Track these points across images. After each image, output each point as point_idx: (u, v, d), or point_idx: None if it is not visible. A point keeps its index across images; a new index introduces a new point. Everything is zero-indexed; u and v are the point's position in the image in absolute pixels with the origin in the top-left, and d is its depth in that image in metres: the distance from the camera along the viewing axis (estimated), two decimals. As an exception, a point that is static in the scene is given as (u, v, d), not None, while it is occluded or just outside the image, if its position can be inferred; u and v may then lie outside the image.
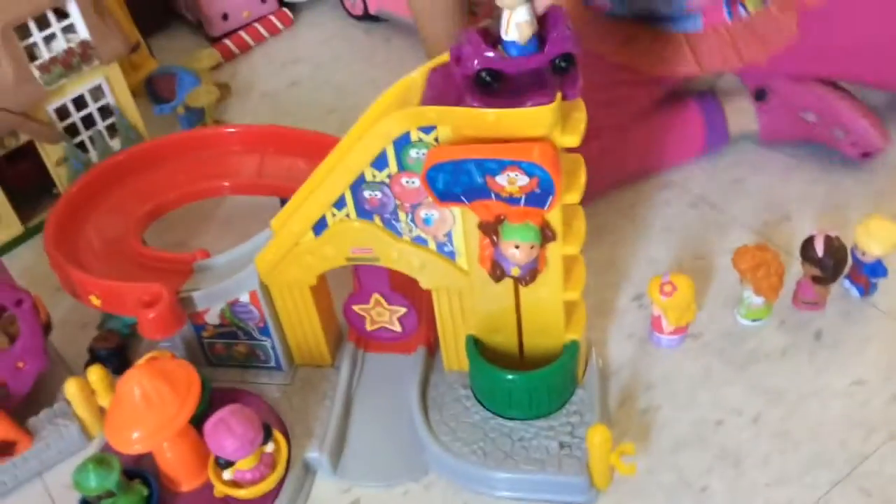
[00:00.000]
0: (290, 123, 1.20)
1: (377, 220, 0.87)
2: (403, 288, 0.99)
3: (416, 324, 1.02)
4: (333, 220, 0.88)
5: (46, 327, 1.02)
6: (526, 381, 0.91)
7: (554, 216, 0.81)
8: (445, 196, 0.80)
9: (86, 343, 1.10)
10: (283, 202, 0.98)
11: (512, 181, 0.77)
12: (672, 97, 1.25)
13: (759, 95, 1.23)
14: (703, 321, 1.04)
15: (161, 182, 1.16)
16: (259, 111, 1.51)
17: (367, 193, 0.85)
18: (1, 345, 1.01)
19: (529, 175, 0.76)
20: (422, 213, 0.85)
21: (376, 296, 0.99)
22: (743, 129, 1.25)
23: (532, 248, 0.82)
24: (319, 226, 0.89)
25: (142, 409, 0.84)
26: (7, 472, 0.96)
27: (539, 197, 0.78)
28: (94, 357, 1.08)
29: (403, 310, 1.00)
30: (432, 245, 0.88)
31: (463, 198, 0.80)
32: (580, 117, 0.78)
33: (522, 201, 0.78)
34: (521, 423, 0.93)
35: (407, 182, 0.83)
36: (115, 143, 1.37)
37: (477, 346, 0.93)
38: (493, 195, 0.78)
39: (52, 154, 1.30)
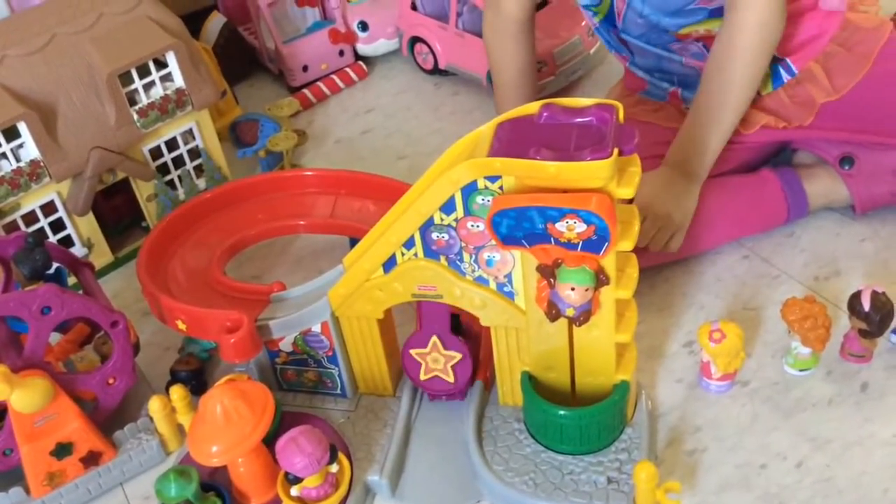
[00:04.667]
0: (362, 168, 1.28)
1: (443, 260, 0.94)
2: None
3: (468, 376, 1.05)
4: (402, 258, 0.96)
5: (135, 348, 1.11)
6: (577, 418, 0.96)
7: (608, 262, 0.87)
8: (508, 240, 0.86)
9: (168, 365, 1.19)
10: (353, 242, 1.06)
11: (570, 228, 0.83)
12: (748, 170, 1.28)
13: (846, 162, 1.23)
14: (751, 369, 1.08)
15: (242, 219, 1.25)
16: (333, 156, 1.60)
17: (434, 235, 0.92)
18: (94, 363, 1.10)
19: (587, 223, 0.82)
20: (485, 255, 0.92)
21: (435, 339, 1.03)
22: (828, 200, 1.26)
23: (587, 290, 0.87)
24: (389, 264, 0.97)
25: (222, 425, 0.91)
26: (92, 480, 1.04)
27: (595, 243, 0.83)
28: (175, 378, 1.16)
29: (458, 357, 1.03)
30: (493, 285, 0.95)
31: (524, 242, 0.86)
32: (635, 171, 0.84)
33: (579, 247, 0.84)
34: (572, 458, 0.98)
35: (472, 226, 0.90)
36: (201, 182, 1.47)
37: (531, 383, 0.99)
38: (552, 240, 0.85)
39: (143, 190, 1.41)
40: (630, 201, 0.88)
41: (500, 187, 0.86)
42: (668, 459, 1.00)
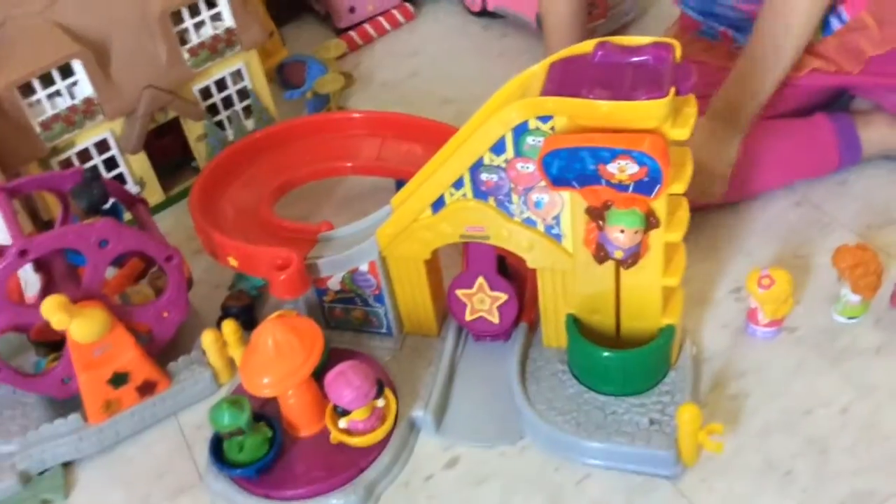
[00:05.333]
0: (408, 112, 1.28)
1: (491, 201, 0.95)
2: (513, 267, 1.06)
3: (514, 317, 1.06)
4: (451, 199, 0.96)
5: (188, 283, 1.13)
6: (622, 360, 0.96)
7: (659, 204, 0.86)
8: (558, 181, 0.86)
9: (218, 302, 1.22)
10: (399, 185, 1.06)
11: (622, 169, 0.82)
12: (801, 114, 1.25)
13: None
14: (798, 316, 1.07)
15: (291, 160, 1.26)
16: (379, 99, 1.60)
17: (484, 176, 0.92)
18: (148, 297, 1.13)
19: (639, 164, 0.81)
20: (533, 196, 0.92)
21: (481, 279, 1.04)
22: (884, 148, 1.23)
23: (636, 233, 0.87)
24: (438, 204, 0.97)
25: (273, 357, 0.93)
26: (147, 409, 1.08)
27: (647, 185, 0.83)
28: (226, 314, 1.19)
29: (504, 297, 1.04)
30: (541, 227, 0.95)
31: (574, 183, 0.86)
32: (691, 112, 0.83)
33: (630, 189, 0.84)
34: (614, 399, 0.99)
35: (522, 167, 0.90)
36: (249, 124, 1.49)
37: (576, 325, 1.00)
38: (603, 181, 0.84)
39: (193, 131, 1.43)
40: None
41: (552, 128, 0.85)
42: (711, 403, 1.00)
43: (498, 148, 0.89)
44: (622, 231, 0.87)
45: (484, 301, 1.06)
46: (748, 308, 1.06)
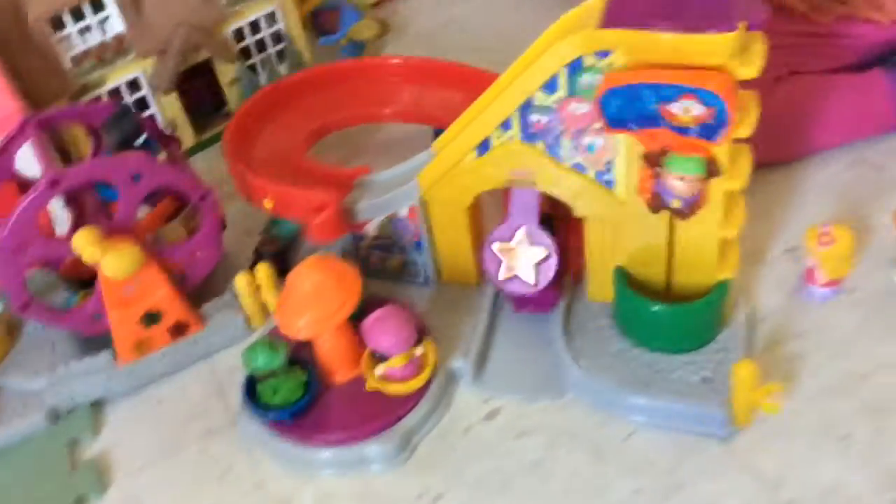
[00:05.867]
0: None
1: (540, 144, 0.90)
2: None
3: (550, 278, 0.97)
4: (498, 141, 0.92)
5: (222, 223, 1.10)
6: (673, 315, 0.92)
7: (722, 151, 0.82)
8: (615, 122, 0.81)
9: (251, 247, 1.18)
10: (437, 132, 1.02)
11: (686, 110, 0.77)
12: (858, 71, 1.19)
13: None
14: (857, 277, 1.02)
15: (327, 105, 1.22)
16: (415, 49, 1.55)
17: (534, 117, 0.88)
18: (181, 236, 1.09)
19: (705, 105, 0.76)
20: (585, 140, 0.88)
21: (522, 231, 0.96)
22: None
23: (696, 181, 0.82)
24: (483, 147, 0.93)
25: (310, 298, 0.90)
26: (178, 351, 1.05)
27: (711, 129, 0.78)
28: (259, 258, 1.15)
29: (544, 253, 0.96)
30: (591, 173, 0.90)
31: (632, 125, 0.81)
32: (760, 50, 0.78)
33: (693, 132, 0.79)
34: (663, 356, 0.95)
35: (575, 107, 0.85)
36: (283, 69, 1.45)
37: (625, 278, 0.95)
38: (663, 123, 0.79)
39: (226, 74, 1.39)
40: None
41: (610, 65, 0.80)
42: (766, 364, 0.95)
43: (550, 86, 0.85)
44: (681, 178, 0.82)
45: (521, 257, 0.97)
46: (805, 268, 1.01)
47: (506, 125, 0.90)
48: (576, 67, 0.83)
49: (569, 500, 0.87)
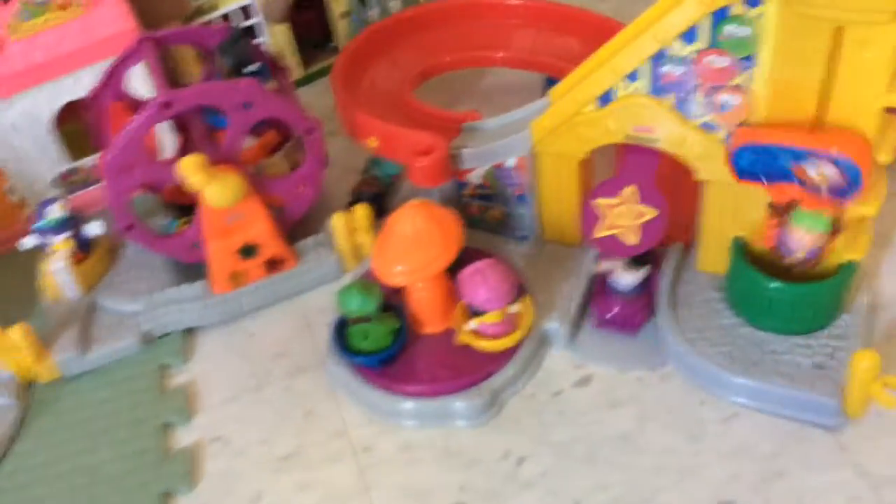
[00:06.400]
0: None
1: (670, 98, 0.84)
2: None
3: (657, 238, 0.91)
4: (623, 92, 0.86)
5: (324, 161, 1.08)
6: (793, 294, 0.86)
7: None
8: (745, 174, 0.80)
9: (350, 186, 1.16)
10: (551, 83, 0.97)
11: (821, 172, 0.76)
12: None
13: None
14: None
15: (437, 45, 1.19)
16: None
17: (667, 68, 0.82)
18: (283, 170, 1.08)
19: (840, 170, 0.75)
20: (721, 97, 0.81)
21: (632, 188, 0.90)
22: None
23: (821, 236, 0.81)
24: (605, 97, 0.88)
25: (410, 244, 0.87)
26: (272, 285, 1.04)
27: (843, 191, 0.77)
28: (357, 199, 1.13)
29: (653, 213, 0.90)
30: (722, 134, 0.84)
31: (763, 178, 0.80)
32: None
33: (824, 191, 0.78)
34: (775, 336, 0.89)
35: (714, 60, 0.79)
36: (395, 4, 1.41)
37: (743, 250, 0.89)
38: (796, 180, 0.78)
39: (336, 7, 1.36)
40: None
41: (760, 14, 0.74)
42: (886, 355, 0.87)
43: (689, 35, 0.79)
44: (806, 232, 0.81)
45: (627, 215, 0.91)
46: (940, 255, 0.93)
47: (633, 76, 0.85)
48: (721, 15, 0.76)
49: (658, 478, 0.83)
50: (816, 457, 0.83)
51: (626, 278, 0.91)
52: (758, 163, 0.79)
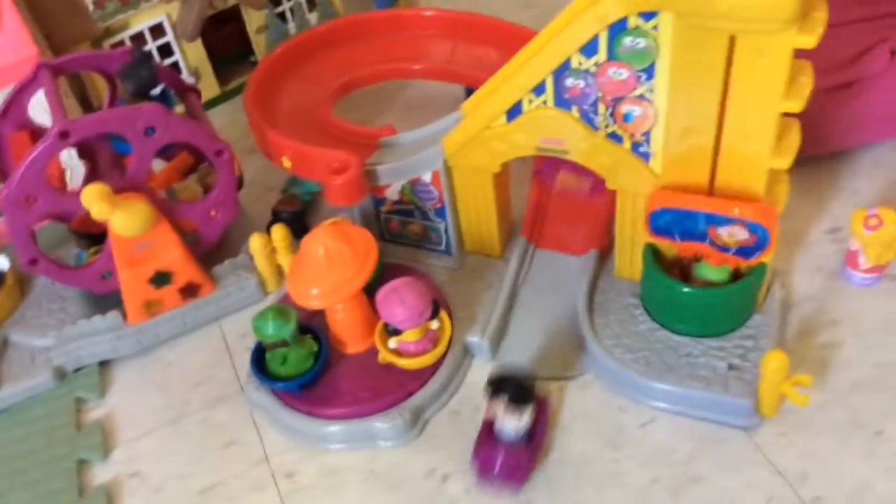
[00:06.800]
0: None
1: (575, 111, 0.85)
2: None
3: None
4: (530, 106, 0.87)
5: (239, 182, 1.06)
6: (704, 297, 0.87)
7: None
8: (660, 231, 0.86)
9: (270, 205, 1.15)
10: (470, 92, 0.97)
11: (732, 235, 0.82)
12: None
13: None
14: (903, 264, 0.97)
15: (354, 58, 1.18)
16: (456, 0, 1.49)
17: (569, 81, 0.83)
18: (196, 194, 1.06)
19: (751, 233, 0.81)
20: (623, 108, 0.82)
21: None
22: None
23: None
24: (514, 111, 0.88)
25: (323, 267, 0.86)
26: (189, 312, 1.02)
27: (750, 251, 0.83)
28: (277, 218, 1.12)
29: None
30: (627, 144, 0.85)
31: (677, 237, 0.86)
32: (821, 17, 0.72)
33: (732, 251, 0.84)
34: (690, 340, 0.90)
35: (614, 73, 0.80)
36: (313, 17, 1.40)
37: (655, 256, 0.90)
38: (707, 241, 0.84)
39: (253, 21, 1.35)
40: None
41: (655, 27, 0.75)
42: (797, 352, 0.91)
43: (589, 49, 0.79)
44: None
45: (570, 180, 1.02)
46: (847, 250, 0.96)
47: (539, 89, 0.85)
48: (618, 29, 0.77)
49: (582, 487, 0.84)
50: (733, 457, 0.84)
51: (509, 425, 0.81)
52: (675, 224, 0.84)
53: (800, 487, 0.81)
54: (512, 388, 0.80)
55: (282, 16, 1.37)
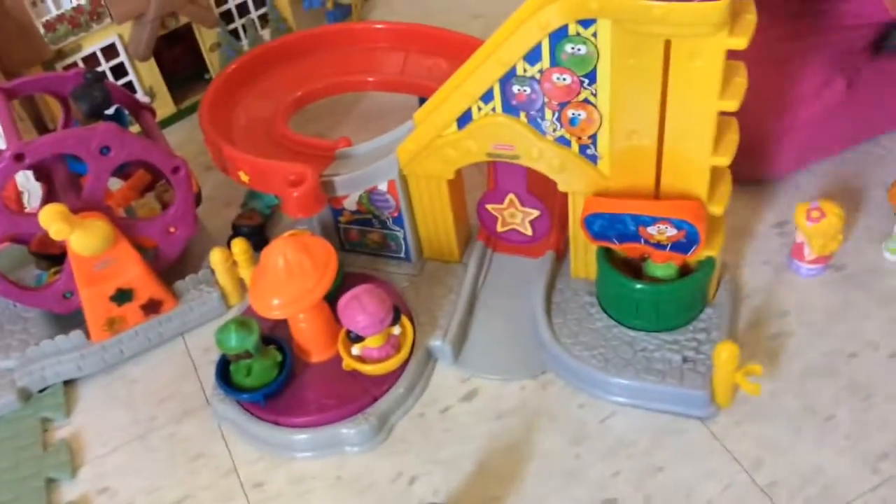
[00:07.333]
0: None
1: (523, 116, 0.87)
2: (539, 192, 0.99)
3: (548, 229, 1.02)
4: (479, 113, 0.89)
5: (197, 198, 1.07)
6: (655, 293, 0.90)
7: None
8: (599, 237, 0.88)
9: (229, 220, 1.16)
10: (423, 102, 0.99)
11: (661, 232, 0.85)
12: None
13: None
14: (847, 253, 1.00)
15: (308, 72, 1.19)
16: (403, 13, 1.51)
17: (515, 88, 0.85)
18: (154, 211, 1.07)
19: (678, 229, 0.84)
20: (569, 112, 0.85)
21: (511, 196, 1.00)
22: None
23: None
24: (464, 119, 0.90)
25: (283, 277, 0.88)
26: (152, 329, 1.03)
27: (684, 246, 0.86)
28: (237, 233, 1.13)
29: (536, 213, 1.01)
30: (575, 147, 0.88)
31: (615, 240, 0.88)
32: (751, 20, 0.75)
33: (668, 248, 0.86)
34: (645, 335, 0.93)
35: (558, 79, 0.82)
36: (266, 34, 1.41)
37: (607, 256, 0.93)
38: (642, 241, 0.86)
39: (206, 39, 1.35)
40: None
41: (594, 34, 0.77)
42: (749, 343, 0.94)
43: (532, 56, 0.81)
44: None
45: (515, 216, 1.02)
46: (793, 243, 0.99)
47: (487, 97, 0.87)
48: (559, 36, 0.79)
49: (546, 482, 0.86)
50: (691, 447, 0.87)
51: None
52: (608, 228, 0.86)
53: (756, 474, 0.84)
54: None
55: (235, 33, 1.38)
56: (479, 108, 0.88)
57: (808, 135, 1.06)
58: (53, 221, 0.88)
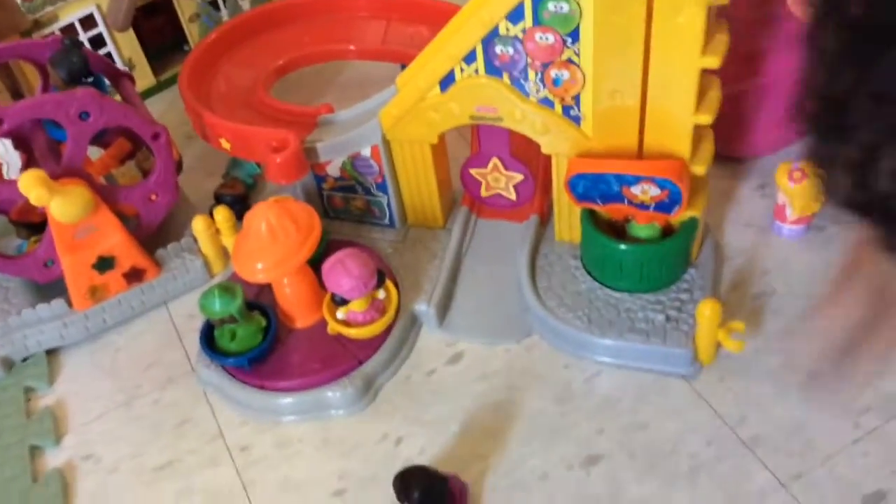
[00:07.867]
0: (413, -3, 1.19)
1: (506, 77, 0.87)
2: (523, 156, 1.00)
3: (531, 193, 1.02)
4: (462, 75, 0.89)
5: (178, 166, 1.07)
6: (639, 253, 0.90)
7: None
8: (583, 198, 0.88)
9: (211, 190, 1.15)
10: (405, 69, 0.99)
11: (645, 192, 0.85)
12: None
13: None
14: (827, 215, 1.01)
15: (290, 41, 1.18)
16: (385, -17, 1.50)
17: (498, 49, 0.85)
18: (135, 178, 1.06)
19: (661, 188, 0.84)
20: (552, 72, 0.85)
21: (495, 160, 1.00)
22: None
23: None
24: (447, 81, 0.90)
25: (267, 241, 0.87)
26: (135, 297, 1.02)
27: (667, 206, 0.86)
28: (219, 202, 1.12)
29: (520, 177, 1.01)
30: (558, 108, 0.88)
31: (598, 201, 0.88)
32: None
33: (651, 208, 0.86)
34: (629, 296, 0.93)
35: (541, 38, 0.82)
36: (245, 4, 1.40)
37: (591, 218, 0.93)
38: (626, 201, 0.86)
39: (186, 10, 1.34)
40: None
41: (576, -8, 0.77)
42: (732, 302, 0.94)
43: (515, 15, 0.81)
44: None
45: (499, 180, 1.02)
46: (775, 204, 1.00)
47: (470, 58, 0.87)
48: (543, -6, 0.79)
49: (531, 441, 0.86)
50: (675, 404, 0.88)
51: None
52: (592, 188, 0.86)
53: (739, 429, 0.85)
54: (420, 486, 0.76)
55: (214, 3, 1.37)
56: (462, 70, 0.88)
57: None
58: (33, 187, 0.87)
